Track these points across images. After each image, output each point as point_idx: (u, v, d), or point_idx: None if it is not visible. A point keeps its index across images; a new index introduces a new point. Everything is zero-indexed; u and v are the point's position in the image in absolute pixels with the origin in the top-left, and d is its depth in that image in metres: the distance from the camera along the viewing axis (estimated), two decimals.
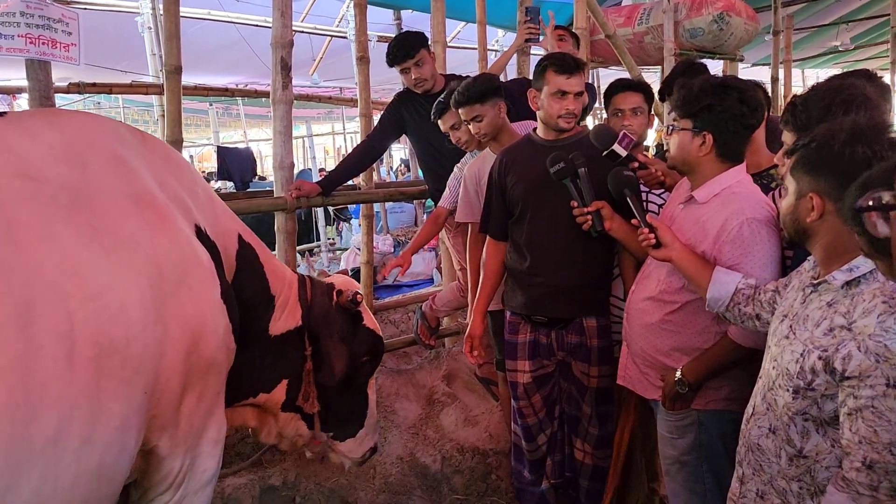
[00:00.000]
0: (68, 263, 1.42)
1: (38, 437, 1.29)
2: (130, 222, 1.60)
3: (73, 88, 4.92)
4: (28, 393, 1.26)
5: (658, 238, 2.04)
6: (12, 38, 2.54)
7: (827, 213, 1.52)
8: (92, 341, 1.40)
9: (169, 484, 1.77)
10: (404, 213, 8.86)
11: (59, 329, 1.34)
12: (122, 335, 1.46)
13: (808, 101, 1.88)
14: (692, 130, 2.04)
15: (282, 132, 3.33)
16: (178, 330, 1.63)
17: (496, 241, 2.81)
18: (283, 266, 2.34)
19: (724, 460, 2.13)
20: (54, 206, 1.46)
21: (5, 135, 1.51)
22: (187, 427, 1.75)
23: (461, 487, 3.25)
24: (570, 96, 2.52)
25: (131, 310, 1.50)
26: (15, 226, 1.37)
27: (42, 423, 1.29)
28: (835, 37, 9.86)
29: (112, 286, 1.47)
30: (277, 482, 3.18)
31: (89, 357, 1.39)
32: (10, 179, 1.43)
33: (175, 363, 1.63)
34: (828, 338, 1.49)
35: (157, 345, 1.57)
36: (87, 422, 1.38)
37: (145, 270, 1.56)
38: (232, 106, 13.33)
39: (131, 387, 1.49)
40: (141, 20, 6.57)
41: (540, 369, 2.74)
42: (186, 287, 1.68)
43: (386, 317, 4.94)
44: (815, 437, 1.54)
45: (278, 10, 3.22)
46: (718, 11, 5.09)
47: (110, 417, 1.44)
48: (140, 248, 1.58)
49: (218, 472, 1.94)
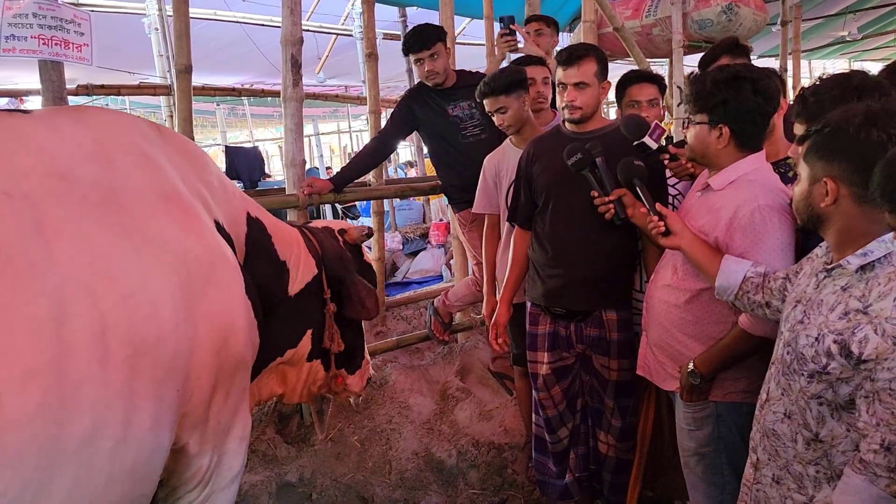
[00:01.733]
0: (100, 263, 1.41)
1: (71, 439, 1.28)
2: (159, 220, 1.59)
3: (81, 90, 4.97)
4: (62, 395, 1.26)
5: (667, 226, 2.04)
6: (26, 40, 2.56)
7: (841, 198, 1.52)
8: (125, 342, 1.39)
9: (197, 482, 1.77)
10: (412, 210, 8.87)
11: (93, 330, 1.34)
12: (154, 335, 1.46)
13: (819, 90, 1.86)
14: (708, 124, 2.04)
15: (293, 129, 3.34)
16: (207, 328, 1.63)
17: (523, 230, 2.81)
18: (286, 226, 2.37)
19: (743, 452, 2.12)
20: (86, 205, 1.45)
21: (35, 133, 1.50)
22: (215, 424, 1.75)
23: (477, 482, 3.25)
24: (568, 87, 2.52)
25: (163, 309, 1.49)
26: (47, 226, 1.36)
27: (76, 425, 1.29)
28: (842, 27, 9.81)
29: (144, 285, 1.47)
30: (294, 479, 3.19)
31: (123, 358, 1.38)
32: (42, 179, 1.41)
33: (205, 361, 1.63)
34: (843, 322, 1.48)
35: (189, 343, 1.56)
36: (120, 423, 1.38)
37: (175, 269, 1.56)
38: (238, 106, 13.36)
39: (164, 386, 1.49)
40: (148, 21, 6.60)
41: (559, 361, 2.73)
42: (214, 285, 1.67)
43: (398, 313, 4.94)
44: (831, 422, 1.54)
45: (287, 7, 3.22)
46: (727, 2, 5.06)
47: (144, 418, 1.44)
48: (169, 246, 1.57)
49: (243, 468, 1.94)
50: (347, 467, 3.32)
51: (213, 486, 1.81)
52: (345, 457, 3.40)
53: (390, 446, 3.46)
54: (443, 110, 3.54)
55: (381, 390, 3.86)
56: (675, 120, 5.11)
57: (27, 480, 1.21)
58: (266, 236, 2.17)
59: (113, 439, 1.36)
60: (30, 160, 1.43)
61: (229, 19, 6.90)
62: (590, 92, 2.54)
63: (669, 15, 5.30)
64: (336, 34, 8.14)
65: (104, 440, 1.34)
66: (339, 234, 2.56)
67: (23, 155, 1.43)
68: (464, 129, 3.53)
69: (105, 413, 1.34)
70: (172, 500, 1.77)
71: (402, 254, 7.42)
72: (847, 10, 9.31)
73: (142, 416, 1.43)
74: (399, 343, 4.14)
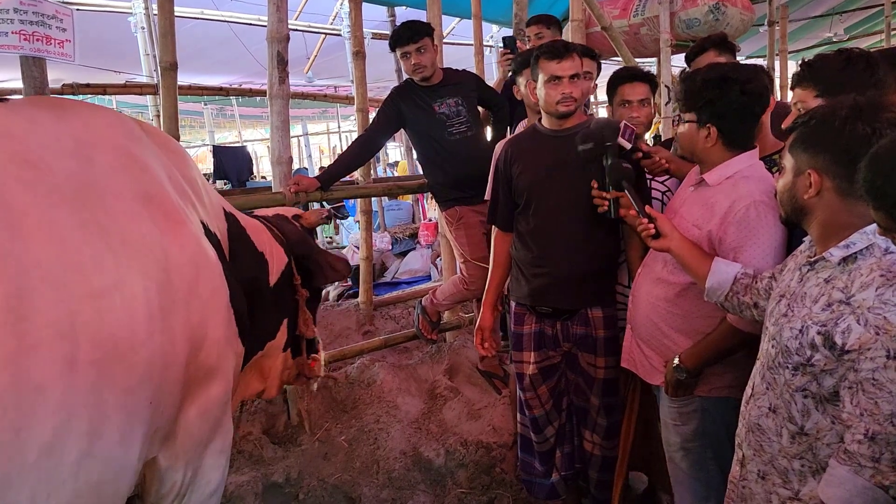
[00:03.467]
0: (70, 256, 1.29)
1: (30, 449, 1.15)
2: (140, 225, 1.49)
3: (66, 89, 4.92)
4: (20, 396, 1.13)
5: (657, 228, 2.04)
6: (6, 35, 2.51)
7: (824, 190, 1.53)
8: (94, 344, 1.27)
9: (172, 498, 1.70)
10: (401, 210, 8.85)
11: (59, 327, 1.21)
12: (127, 340, 1.34)
13: (826, 56, 1.88)
14: (697, 123, 2.05)
15: (279, 127, 3.32)
16: (183, 338, 1.53)
17: (503, 232, 2.80)
18: (252, 219, 2.33)
19: (728, 447, 2.12)
20: (56, 195, 1.34)
21: (3, 120, 1.41)
22: (186, 438, 1.66)
23: (465, 481, 3.24)
24: (564, 80, 2.51)
25: (138, 314, 1.38)
26: (12, 209, 1.24)
27: (36, 431, 1.16)
28: (828, 28, 9.88)
29: (118, 287, 1.35)
30: (280, 479, 3.17)
31: (91, 360, 1.26)
32: (5, 164, 1.30)
33: (177, 374, 1.53)
34: (826, 313, 1.49)
35: (163, 354, 1.45)
36: (87, 433, 1.25)
37: (154, 275, 1.46)
38: (226, 107, 13.31)
39: (136, 397, 1.38)
40: (134, 20, 6.56)
41: (545, 360, 2.72)
42: (196, 295, 1.58)
43: (386, 312, 4.93)
44: (816, 415, 1.53)
45: (273, 4, 3.21)
46: (714, 2, 5.07)
47: (112, 430, 1.31)
48: (148, 251, 1.47)
49: (223, 482, 1.86)
50: (335, 467, 3.30)
51: (189, 500, 1.74)
52: (332, 457, 3.38)
53: (378, 446, 3.44)
54: (429, 107, 3.53)
55: (368, 389, 3.85)
56: (664, 119, 5.13)
57: None
58: (242, 229, 2.14)
59: (77, 451, 1.24)
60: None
61: (217, 18, 6.86)
62: (580, 84, 2.54)
63: (657, 14, 5.31)
64: (325, 34, 8.12)
65: (67, 452, 1.22)
66: (295, 220, 2.56)
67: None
68: (450, 127, 3.53)
69: (69, 421, 1.21)
70: None
71: (391, 254, 7.40)
72: (834, 11, 9.39)
73: (110, 427, 1.31)
74: (387, 342, 4.13)
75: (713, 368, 2.11)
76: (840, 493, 1.41)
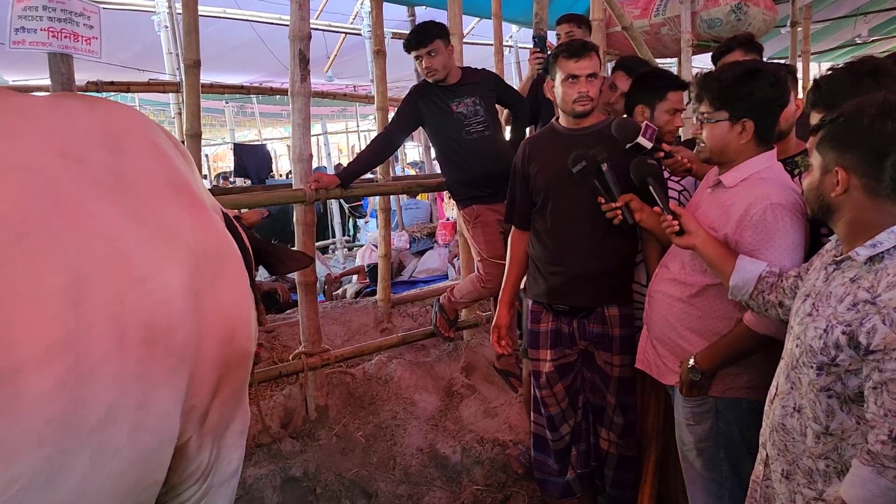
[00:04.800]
0: (117, 244, 1.38)
1: (89, 420, 1.25)
2: (170, 210, 1.57)
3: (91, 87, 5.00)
4: (81, 374, 1.23)
5: (681, 225, 2.03)
6: (35, 32, 2.57)
7: (852, 188, 1.51)
8: (141, 324, 1.37)
9: (198, 477, 1.75)
10: (419, 209, 8.88)
11: (111, 309, 1.31)
12: (166, 321, 1.44)
13: (833, 77, 1.86)
14: (730, 120, 2.02)
15: (300, 125, 3.34)
16: (215, 320, 1.62)
17: (520, 230, 2.81)
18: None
19: (742, 448, 2.12)
20: (99, 187, 1.43)
21: (47, 114, 1.49)
22: (216, 418, 1.73)
23: (481, 478, 3.25)
24: (581, 79, 2.52)
25: (175, 297, 1.48)
26: (65, 202, 1.33)
27: (95, 405, 1.26)
28: (852, 29, 9.76)
29: (157, 272, 1.45)
30: (298, 473, 3.19)
31: (139, 339, 1.36)
32: (56, 158, 1.39)
33: (212, 353, 1.61)
34: (851, 312, 1.47)
35: (197, 334, 1.54)
36: (137, 406, 1.35)
37: (185, 259, 1.54)
38: (247, 105, 13.42)
39: (176, 375, 1.48)
40: (157, 19, 6.64)
41: (562, 358, 2.73)
42: (224, 278, 1.67)
43: (403, 310, 4.94)
44: (841, 415, 1.52)
45: (296, 2, 3.23)
46: (736, 1, 5.05)
47: (159, 403, 1.42)
48: (180, 235, 1.56)
49: (241, 463, 1.92)
50: (352, 462, 3.33)
51: (212, 480, 1.79)
52: (349, 452, 3.40)
53: (395, 442, 3.46)
54: (447, 107, 3.54)
55: (386, 386, 3.87)
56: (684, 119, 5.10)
57: (43, 464, 1.18)
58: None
59: (130, 422, 1.34)
60: (42, 139, 1.41)
61: (239, 17, 6.92)
62: (597, 83, 2.55)
63: (678, 14, 5.29)
64: (345, 33, 8.16)
65: (121, 423, 1.32)
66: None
67: (36, 134, 1.41)
68: (468, 126, 3.54)
69: (123, 395, 1.32)
70: (172, 495, 1.74)
71: (408, 253, 7.43)
72: (858, 12, 9.26)
73: (157, 401, 1.41)
74: (404, 339, 4.15)
75: (728, 369, 2.10)
76: (863, 494, 1.40)
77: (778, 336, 1.94)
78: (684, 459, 2.29)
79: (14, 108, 1.46)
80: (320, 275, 6.26)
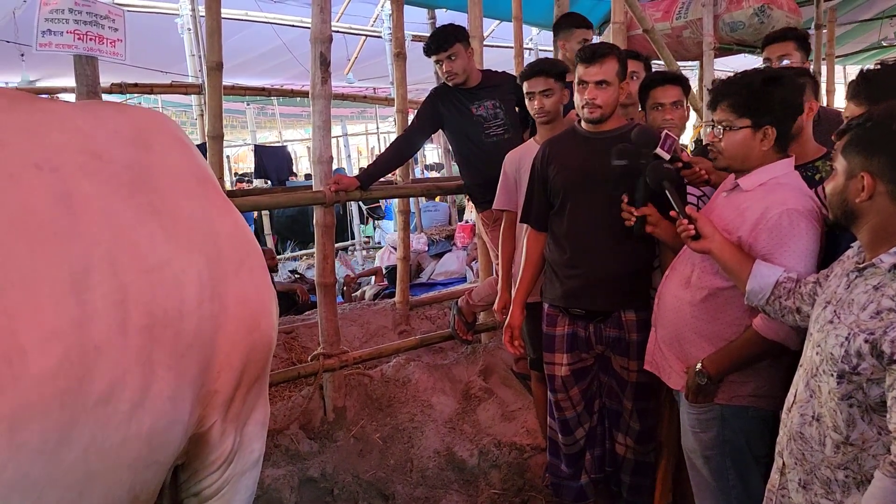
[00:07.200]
0: (125, 237, 1.46)
1: (90, 396, 1.34)
2: (193, 201, 1.66)
3: (115, 89, 5.08)
4: (82, 354, 1.32)
5: (697, 229, 2.01)
6: (61, 35, 2.61)
7: (877, 194, 1.49)
8: (145, 312, 1.44)
9: (220, 464, 1.79)
10: (438, 212, 8.88)
11: (114, 297, 1.40)
12: (175, 308, 1.51)
13: (883, 71, 1.84)
14: (752, 127, 2.00)
15: (321, 127, 3.36)
16: (239, 308, 1.68)
17: (537, 231, 2.80)
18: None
19: (748, 457, 2.10)
20: (115, 183, 1.51)
21: (75, 116, 1.58)
22: (240, 405, 1.79)
23: (498, 482, 3.24)
24: (590, 85, 2.50)
25: (187, 285, 1.55)
26: (76, 198, 1.42)
27: (95, 382, 1.34)
28: (878, 31, 9.63)
29: (168, 262, 1.52)
30: (316, 474, 3.20)
31: (142, 326, 1.44)
32: (74, 155, 1.48)
33: (237, 340, 1.68)
34: (875, 321, 1.45)
35: (213, 320, 1.61)
36: (138, 387, 1.43)
37: (204, 249, 1.62)
38: (268, 106, 13.52)
39: (185, 360, 1.54)
40: (180, 21, 6.72)
41: (578, 362, 2.72)
42: (247, 268, 1.74)
43: (422, 313, 4.95)
44: (861, 425, 1.50)
45: (317, 5, 3.25)
46: (759, 4, 5.00)
47: (162, 387, 1.48)
48: (199, 227, 1.64)
49: (262, 454, 1.96)
50: (369, 464, 3.33)
51: (234, 468, 1.83)
52: (367, 454, 3.41)
53: (412, 444, 3.46)
54: (467, 109, 3.55)
55: (404, 388, 3.87)
56: (705, 123, 5.06)
57: (51, 431, 1.27)
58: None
59: (130, 402, 1.41)
60: (64, 138, 1.49)
61: (260, 20, 6.99)
62: (610, 91, 2.52)
63: (700, 17, 5.25)
64: (365, 35, 8.21)
65: (121, 402, 1.40)
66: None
67: (58, 133, 1.49)
68: (487, 129, 3.54)
69: (123, 376, 1.40)
70: (194, 482, 1.79)
71: (427, 255, 7.43)
72: (884, 15, 9.15)
73: (160, 384, 1.48)
74: (422, 342, 4.15)
75: (734, 376, 2.08)
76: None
77: (787, 342, 1.93)
78: (692, 467, 2.27)
79: (42, 109, 1.54)
80: (340, 276, 6.28)
